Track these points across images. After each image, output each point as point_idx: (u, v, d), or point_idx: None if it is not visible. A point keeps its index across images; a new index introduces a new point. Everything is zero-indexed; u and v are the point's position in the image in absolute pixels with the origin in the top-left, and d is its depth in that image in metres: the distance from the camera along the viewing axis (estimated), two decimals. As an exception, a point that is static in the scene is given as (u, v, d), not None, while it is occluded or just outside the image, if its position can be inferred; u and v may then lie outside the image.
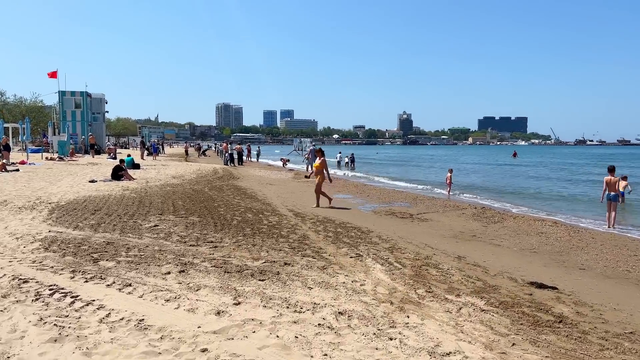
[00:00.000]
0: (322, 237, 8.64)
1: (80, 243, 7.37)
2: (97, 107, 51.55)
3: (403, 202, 14.98)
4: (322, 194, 12.91)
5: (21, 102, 54.56)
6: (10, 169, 21.17)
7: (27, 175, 18.59)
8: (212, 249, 7.36)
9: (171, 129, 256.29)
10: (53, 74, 45.02)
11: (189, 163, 33.73)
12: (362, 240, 8.50)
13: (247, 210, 11.77)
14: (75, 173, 20.77)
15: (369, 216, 11.89)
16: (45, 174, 19.82)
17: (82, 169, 23.66)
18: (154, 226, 9.09)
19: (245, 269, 6.16)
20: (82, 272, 5.80)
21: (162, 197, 13.73)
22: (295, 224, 9.99)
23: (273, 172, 29.33)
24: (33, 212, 10.17)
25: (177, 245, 7.49)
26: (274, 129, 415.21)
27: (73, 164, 27.05)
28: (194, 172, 24.51)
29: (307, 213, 11.85)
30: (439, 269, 6.54)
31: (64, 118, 45.08)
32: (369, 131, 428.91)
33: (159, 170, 24.26)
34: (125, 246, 7.28)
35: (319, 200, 12.90)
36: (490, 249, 8.25)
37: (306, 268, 6.31)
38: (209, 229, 9.00)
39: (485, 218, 11.78)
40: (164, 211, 11.03)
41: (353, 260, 6.91)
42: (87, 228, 8.61)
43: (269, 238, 8.36)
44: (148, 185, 17.05)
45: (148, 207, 11.54)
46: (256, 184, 20.38)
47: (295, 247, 7.64)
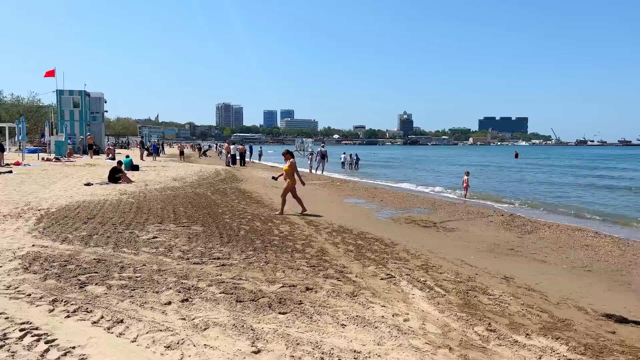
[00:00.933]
0: (343, 252, 7.63)
1: (66, 261, 6.35)
2: (96, 106, 50.54)
3: (421, 207, 13.95)
4: (297, 200, 11.82)
5: (18, 101, 53.52)
6: (3, 170, 20.16)
7: (19, 178, 17.57)
8: (220, 267, 6.34)
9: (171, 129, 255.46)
10: (50, 73, 43.98)
11: (189, 164, 32.70)
12: (389, 255, 7.48)
13: (254, 218, 10.76)
14: (71, 175, 19.75)
15: (389, 225, 10.87)
16: (39, 176, 18.80)
17: (78, 170, 22.64)
18: (153, 238, 8.08)
19: (261, 297, 5.14)
20: (64, 302, 4.78)
21: (161, 202, 12.72)
22: (309, 235, 8.98)
23: (274, 172, 28.30)
24: (18, 221, 9.14)
25: (178, 263, 6.47)
26: (274, 129, 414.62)
27: (70, 165, 26.03)
28: (195, 173, 23.50)
29: (320, 221, 10.83)
30: (490, 296, 5.52)
31: (62, 117, 44.06)
32: (369, 131, 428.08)
33: (158, 172, 23.24)
34: (118, 265, 6.26)
35: (284, 206, 11.69)
36: (536, 267, 7.23)
37: (333, 295, 5.29)
38: (214, 242, 7.99)
39: (517, 227, 10.76)
40: (164, 219, 10.02)
41: (385, 283, 5.89)
42: (77, 241, 7.59)
43: (282, 253, 7.35)
44: (147, 188, 16.03)
45: (146, 215, 10.52)
46: (261, 186, 19.38)
47: (314, 265, 6.62)
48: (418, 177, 31.20)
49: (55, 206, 11.19)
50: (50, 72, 43.99)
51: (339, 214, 12.18)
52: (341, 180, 24.64)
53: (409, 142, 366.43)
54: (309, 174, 28.88)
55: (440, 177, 31.78)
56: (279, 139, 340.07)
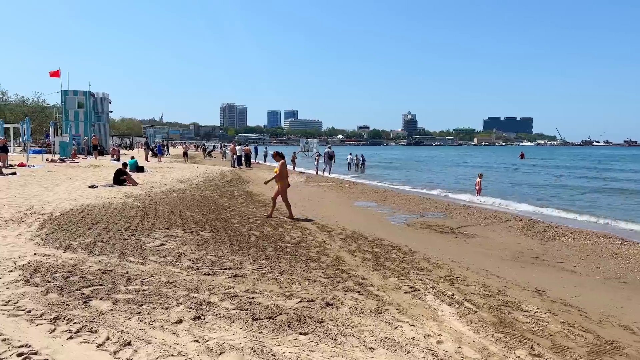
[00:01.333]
0: (360, 261, 7.24)
1: (70, 271, 5.99)
2: (101, 106, 50.40)
3: (435, 211, 13.53)
4: (286, 204, 11.37)
5: (23, 102, 53.39)
6: (7, 172, 19.87)
7: (23, 180, 17.27)
8: (232, 279, 5.96)
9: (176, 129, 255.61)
10: (55, 73, 43.77)
11: (195, 165, 32.38)
12: (409, 265, 7.09)
13: (264, 223, 10.39)
14: (76, 177, 19.45)
15: (404, 230, 10.47)
16: (43, 177, 18.50)
17: (83, 171, 22.34)
18: (160, 245, 7.71)
19: (278, 313, 4.76)
20: (67, 320, 4.41)
21: (168, 205, 12.36)
22: (322, 242, 8.59)
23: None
24: (20, 227, 8.80)
25: (188, 274, 6.10)
26: (278, 129, 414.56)
27: (74, 166, 25.75)
28: (201, 175, 23.16)
29: (332, 226, 10.45)
30: (525, 312, 5.12)
31: (66, 118, 43.90)
32: (373, 131, 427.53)
33: (164, 174, 22.92)
34: (124, 276, 5.89)
35: (273, 209, 11.31)
36: (568, 278, 6.82)
37: (356, 312, 4.90)
38: (224, 249, 7.62)
39: (538, 233, 10.34)
40: (171, 224, 9.65)
41: (410, 297, 5.49)
42: (81, 249, 7.23)
43: (297, 262, 6.97)
44: (153, 191, 15.69)
45: (153, 219, 10.16)
46: (268, 189, 18.97)
47: (332, 277, 6.23)
48: (426, 179, 30.78)
49: (59, 210, 10.85)
50: (55, 73, 43.78)
51: (350, 219, 11.79)
52: (349, 182, 24.24)
53: (413, 143, 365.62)
54: (316, 175, 28.52)
55: (449, 179, 31.36)
56: (283, 139, 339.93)
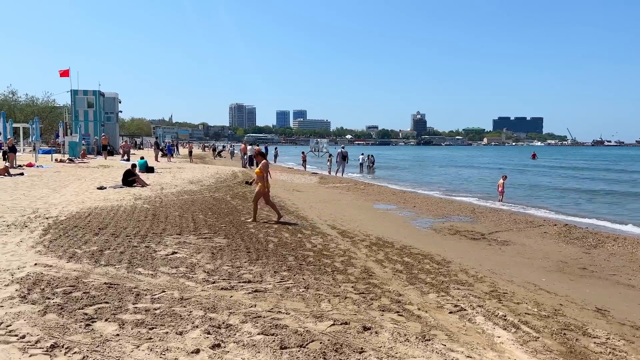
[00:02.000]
0: (391, 272, 6.56)
1: (73, 285, 5.37)
2: (111, 106, 50.09)
3: (460, 215, 12.81)
4: (271, 206, 10.61)
5: (33, 101, 53.29)
6: (15, 172, 19.43)
7: (30, 181, 16.79)
8: (253, 295, 5.32)
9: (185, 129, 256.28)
10: (65, 73, 43.54)
11: (205, 165, 31.86)
12: (446, 278, 6.40)
13: (281, 228, 9.74)
14: (84, 177, 18.96)
15: (432, 237, 9.76)
16: (50, 178, 18.02)
17: (92, 172, 21.87)
18: (172, 254, 7.09)
19: (310, 340, 4.10)
20: (65, 348, 3.79)
21: (179, 208, 11.77)
22: (347, 250, 7.93)
23: (296, 175, 27.32)
24: (23, 232, 8.23)
25: (203, 289, 5.47)
26: (287, 129, 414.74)
27: (83, 167, 25.32)
28: (212, 176, 22.59)
29: (354, 231, 9.78)
30: (594, 338, 4.41)
31: (76, 118, 43.64)
32: (382, 131, 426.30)
33: (174, 174, 22.38)
34: (133, 291, 5.27)
35: (256, 213, 10.54)
36: (626, 294, 6.09)
37: (399, 338, 4.22)
38: (241, 258, 6.98)
39: (577, 240, 9.58)
40: (183, 229, 9.04)
41: (457, 318, 4.81)
42: (86, 258, 6.63)
43: (322, 274, 6.30)
44: (163, 192, 15.12)
45: (164, 224, 9.56)
46: (281, 190, 18.37)
47: (363, 292, 5.56)
48: (443, 180, 29.99)
49: (65, 213, 10.28)
50: (64, 72, 43.56)
51: (372, 223, 11.11)
52: (365, 183, 23.54)
53: (422, 142, 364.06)
54: (329, 176, 27.85)
55: (465, 180, 30.54)
56: (292, 139, 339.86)
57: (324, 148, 78.95)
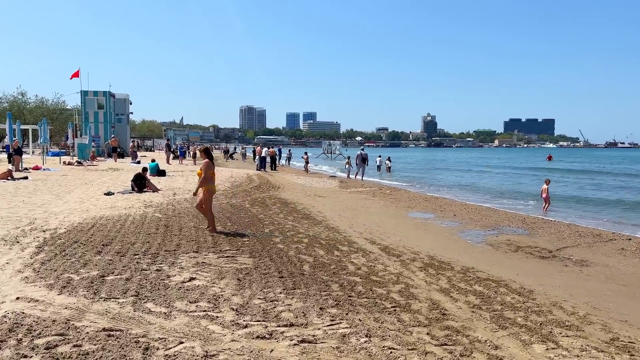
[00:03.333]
0: (468, 309, 5.15)
1: (61, 334, 4.03)
2: (121, 107, 49.17)
3: (512, 226, 11.32)
4: (206, 212, 8.91)
5: (43, 103, 52.47)
6: (19, 176, 18.29)
7: (33, 185, 15.60)
8: (300, 348, 3.95)
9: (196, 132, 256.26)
10: (75, 74, 42.74)
11: (219, 168, 30.57)
12: (541, 317, 4.97)
13: (312, 242, 8.38)
14: (92, 182, 17.76)
15: (491, 254, 8.32)
16: (55, 183, 16.83)
17: (100, 175, 20.69)
18: (189, 280, 5.75)
19: None
20: None
21: (194, 217, 10.47)
22: (399, 274, 6.53)
23: (313, 179, 25.97)
24: (12, 250, 6.94)
25: (233, 337, 4.11)
26: (297, 131, 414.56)
27: (92, 170, 24.19)
28: (226, 179, 21.32)
29: (399, 247, 8.38)
30: None
31: (86, 119, 42.68)
32: (392, 133, 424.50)
33: (187, 178, 21.13)
34: (140, 342, 3.92)
35: (213, 222, 9.11)
36: None
37: None
38: (274, 286, 5.63)
39: (667, 259, 8.11)
40: (201, 245, 7.71)
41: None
42: (83, 288, 5.31)
43: (381, 312, 4.92)
44: (176, 198, 13.84)
45: (178, 237, 8.25)
46: (302, 195, 17.03)
47: (446, 344, 4.16)
48: (469, 184, 28.43)
49: (65, 225, 9.00)
50: (75, 73, 42.74)
51: (415, 236, 9.70)
52: (390, 188, 22.05)
53: (433, 144, 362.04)
54: (349, 179, 26.45)
55: (490, 183, 28.96)
56: (302, 141, 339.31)
57: (336, 150, 77.58)
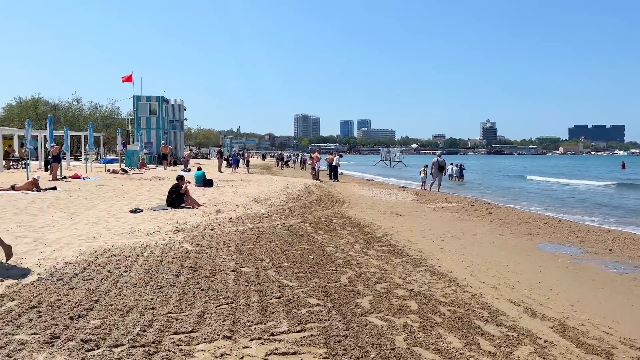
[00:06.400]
0: None
1: None
2: (175, 113, 47.79)
3: None
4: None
5: (97, 109, 52.17)
6: (49, 186, 16.03)
7: (54, 198, 13.11)
8: None
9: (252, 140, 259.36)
10: (128, 78, 41.59)
11: (273, 177, 27.74)
12: None
13: (425, 308, 4.95)
14: (125, 193, 15.17)
15: None
16: (83, 194, 14.33)
17: (140, 186, 18.20)
18: None
19: None
20: None
21: (237, 251, 7.32)
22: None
23: (378, 189, 22.45)
24: None
25: None
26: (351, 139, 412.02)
27: (135, 179, 21.91)
28: (281, 191, 18.25)
29: (584, 326, 4.81)
30: None
31: (138, 125, 41.34)
32: (449, 140, 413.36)
33: (236, 189, 18.24)
34: None
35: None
36: None
37: None
38: None
39: None
40: (238, 316, 4.48)
41: None
42: None
43: None
44: (218, 218, 10.81)
45: (204, 297, 5.06)
46: (375, 213, 13.61)
47: None
48: (566, 196, 23.91)
49: (47, 264, 6.06)
50: (128, 77, 41.60)
51: (592, 299, 6.01)
52: (484, 203, 17.98)
53: (492, 152, 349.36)
54: (422, 190, 22.70)
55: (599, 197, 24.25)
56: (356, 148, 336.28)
57: (396, 157, 73.58)
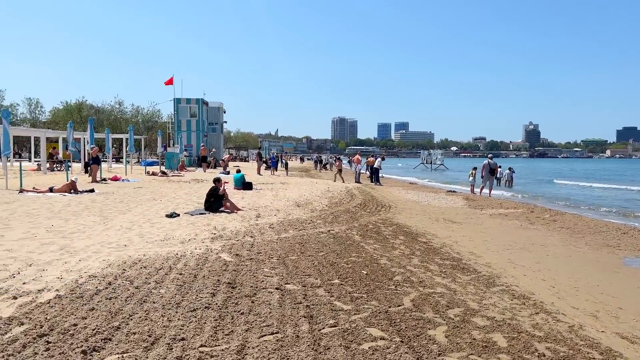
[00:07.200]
0: None
1: None
2: (215, 116, 47.87)
3: None
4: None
5: (138, 111, 52.95)
6: (87, 188, 15.74)
7: (89, 201, 12.68)
8: None
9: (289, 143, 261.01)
10: (169, 81, 41.93)
11: (312, 180, 26.93)
12: None
13: (520, 343, 3.90)
14: (162, 197, 14.65)
15: None
16: (119, 197, 13.88)
17: (178, 188, 17.72)
18: None
19: None
20: None
21: (279, 262, 6.46)
22: None
23: (425, 193, 21.24)
24: None
25: None
26: (389, 142, 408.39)
27: (174, 181, 21.54)
28: (322, 195, 17.37)
29: None
30: None
31: (178, 128, 41.50)
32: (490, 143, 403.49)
33: (276, 192, 17.49)
34: None
35: None
36: None
37: None
38: None
39: None
40: (286, 342, 3.56)
41: None
42: None
43: None
44: (258, 224, 10.00)
45: (244, 324, 4.18)
46: (427, 220, 12.52)
47: None
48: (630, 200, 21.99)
49: (67, 281, 5.35)
50: (169, 81, 41.96)
51: None
52: (544, 209, 16.41)
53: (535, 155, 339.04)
54: (473, 195, 21.32)
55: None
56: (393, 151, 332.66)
57: (437, 160, 71.59)
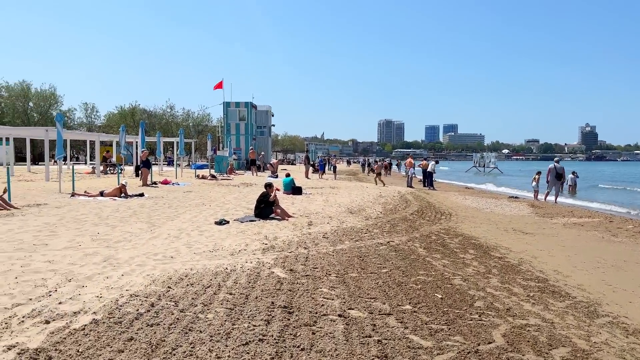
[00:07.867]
0: None
1: None
2: (263, 119, 47.91)
3: None
4: None
5: (188, 115, 53.81)
6: (137, 192, 15.61)
7: (138, 206, 12.40)
8: None
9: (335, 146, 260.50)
10: (219, 85, 42.25)
11: (362, 185, 26.05)
12: None
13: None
14: (213, 201, 14.24)
15: None
16: (169, 202, 13.56)
17: (227, 192, 17.35)
18: None
19: None
20: None
21: (339, 282, 5.70)
22: None
23: (484, 199, 19.92)
24: None
25: None
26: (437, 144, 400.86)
27: (223, 185, 21.29)
28: (375, 200, 16.50)
29: None
30: None
31: (227, 131, 41.70)
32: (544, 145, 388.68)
33: (327, 197, 16.77)
34: None
35: None
36: None
37: None
38: None
39: None
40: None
41: None
42: None
43: None
44: (310, 233, 9.29)
45: (307, 351, 3.43)
46: (494, 229, 11.42)
47: None
48: None
49: (102, 304, 4.80)
50: (218, 84, 42.27)
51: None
52: (622, 218, 14.93)
53: (593, 158, 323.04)
54: (538, 201, 19.80)
55: None
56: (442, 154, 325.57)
57: (490, 163, 68.90)
